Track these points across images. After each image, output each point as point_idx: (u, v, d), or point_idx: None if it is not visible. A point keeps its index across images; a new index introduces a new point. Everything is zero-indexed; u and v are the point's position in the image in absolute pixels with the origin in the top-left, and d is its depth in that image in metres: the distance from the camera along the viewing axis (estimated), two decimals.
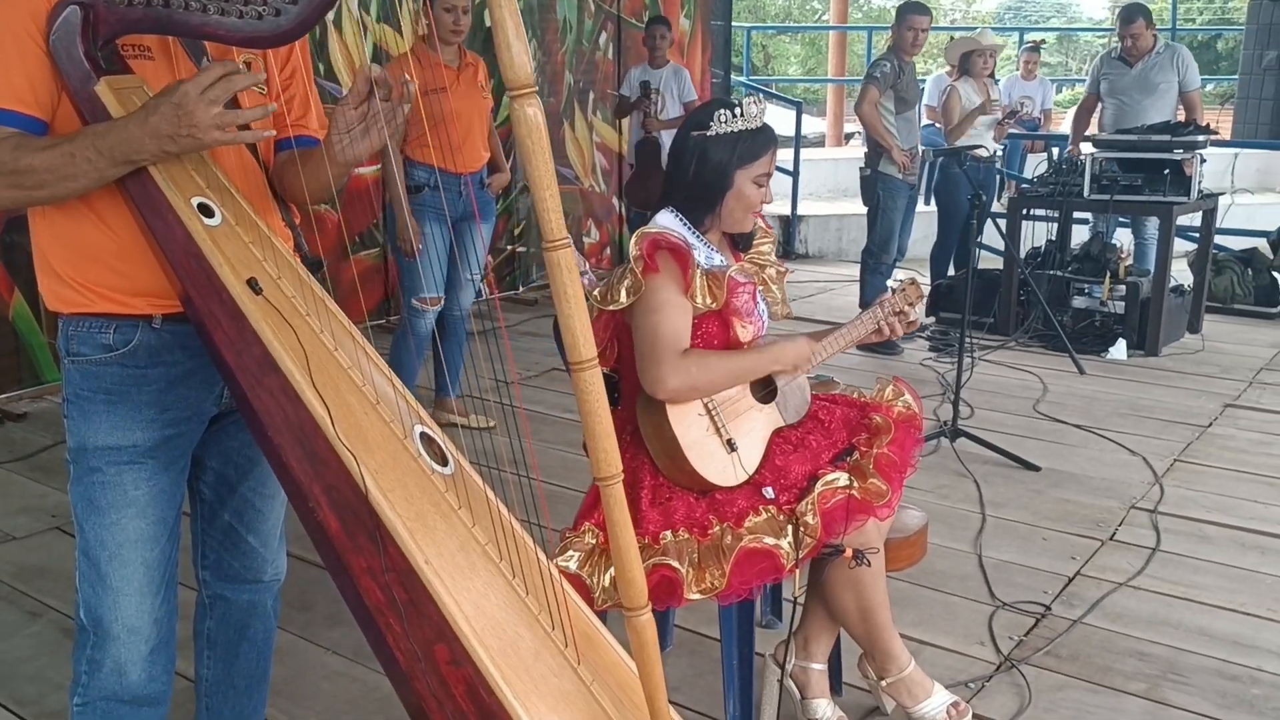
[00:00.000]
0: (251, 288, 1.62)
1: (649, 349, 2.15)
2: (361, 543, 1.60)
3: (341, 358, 1.68)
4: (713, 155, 2.20)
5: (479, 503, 1.71)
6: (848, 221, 8.76)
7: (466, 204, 4.22)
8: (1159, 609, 3.00)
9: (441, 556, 1.62)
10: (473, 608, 1.59)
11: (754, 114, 2.20)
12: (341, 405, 1.63)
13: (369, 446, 1.63)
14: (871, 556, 2.17)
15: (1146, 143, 5.90)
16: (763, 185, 2.24)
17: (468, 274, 4.36)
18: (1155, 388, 5.18)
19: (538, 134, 1.39)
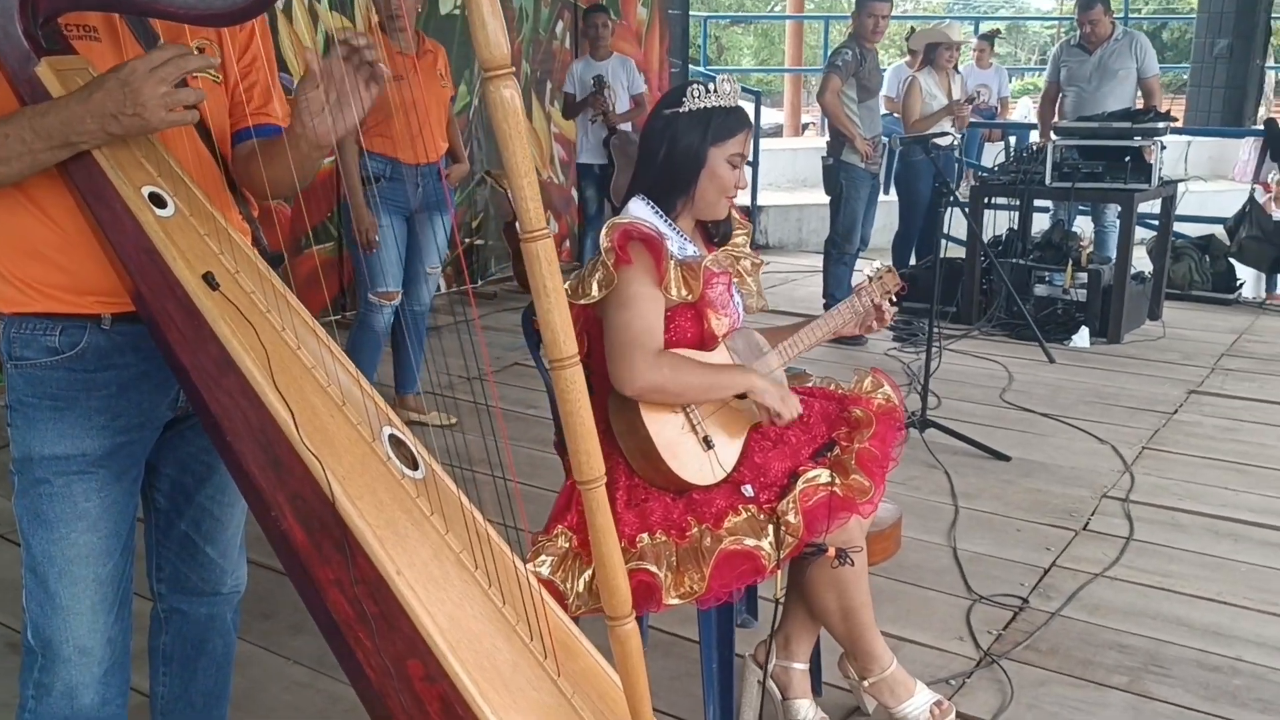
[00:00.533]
0: (208, 283, 1.52)
1: (621, 344, 2.07)
2: (329, 553, 1.51)
3: (305, 357, 1.59)
4: (685, 132, 2.12)
5: (452, 508, 1.63)
6: (808, 211, 8.73)
7: (424, 196, 4.11)
8: (1136, 599, 2.97)
9: (414, 566, 1.53)
10: (447, 620, 1.51)
11: (727, 91, 2.13)
12: (306, 407, 1.54)
13: (335, 451, 1.54)
14: (855, 555, 2.11)
15: (1107, 130, 5.91)
16: (737, 166, 2.17)
17: (426, 267, 4.26)
18: (1120, 375, 5.18)
19: (515, 117, 1.31)
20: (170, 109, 1.44)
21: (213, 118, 1.68)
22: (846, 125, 5.43)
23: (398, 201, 4.05)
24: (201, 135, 1.67)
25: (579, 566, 2.05)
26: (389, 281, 4.12)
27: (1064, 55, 6.58)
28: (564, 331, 1.39)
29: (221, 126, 1.71)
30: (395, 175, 4.01)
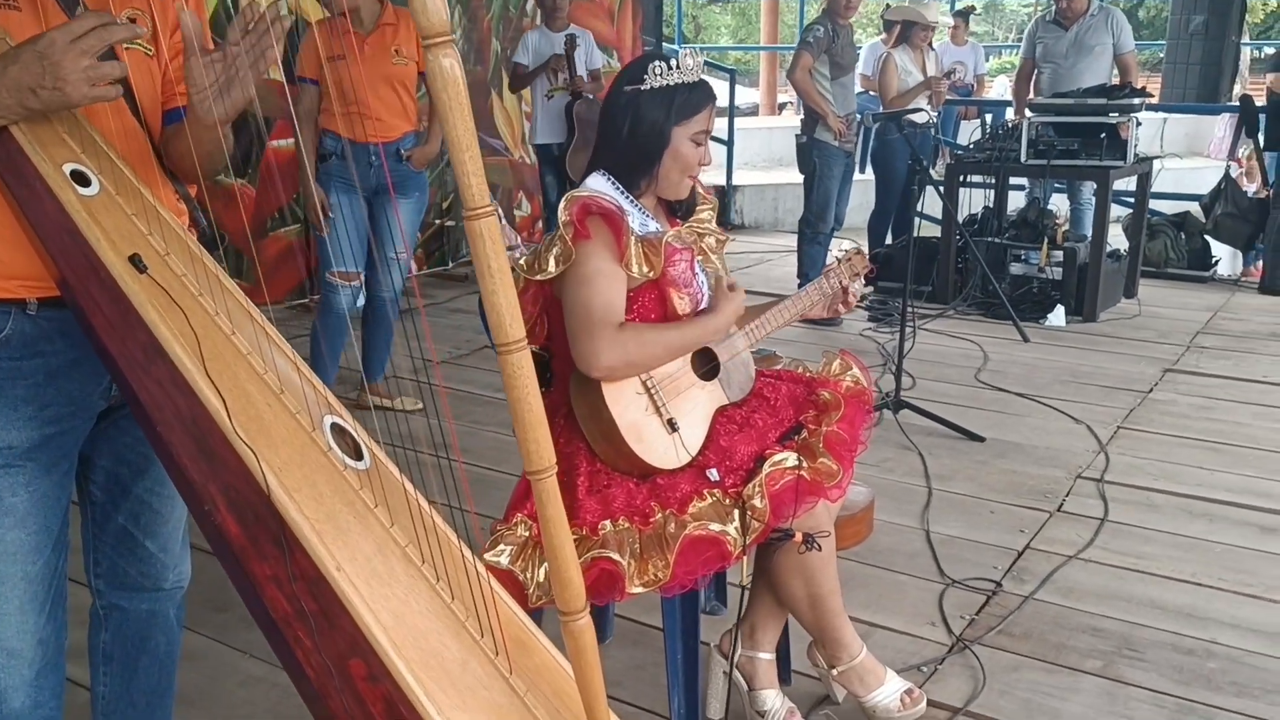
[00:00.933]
0: (135, 265, 1.44)
1: (581, 323, 2.00)
2: (265, 548, 1.44)
3: (240, 342, 1.51)
4: (647, 111, 2.05)
5: (398, 499, 1.56)
6: (784, 191, 8.66)
7: (379, 177, 4.02)
8: (1110, 582, 2.94)
9: (355, 561, 1.46)
10: (391, 617, 1.44)
11: (690, 67, 2.06)
12: (240, 395, 1.47)
13: (272, 441, 1.47)
14: (822, 540, 2.06)
15: (1082, 106, 5.87)
16: (701, 144, 2.10)
17: (390, 253, 4.15)
18: (1095, 354, 5.15)
19: (455, 88, 1.23)
20: (93, 84, 1.36)
21: (143, 92, 1.59)
22: (819, 103, 5.35)
23: (349, 180, 3.96)
24: (132, 109, 1.59)
25: (539, 556, 1.99)
26: (345, 261, 4.03)
27: (1039, 31, 6.53)
28: (510, 315, 1.32)
29: (153, 102, 1.63)
30: (348, 153, 3.94)
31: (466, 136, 1.25)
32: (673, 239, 2.10)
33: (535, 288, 2.10)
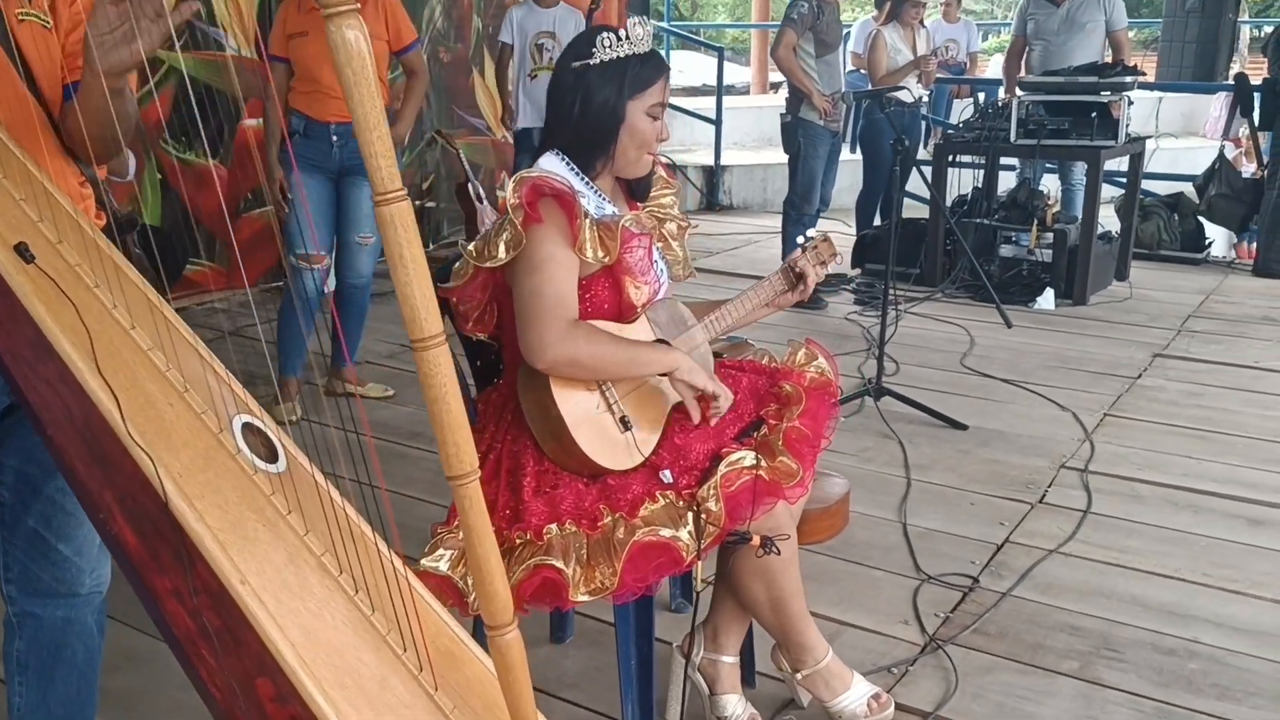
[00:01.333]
0: (21, 255, 1.34)
1: (530, 311, 1.89)
2: (165, 560, 1.35)
3: (140, 338, 1.41)
4: (599, 87, 1.94)
5: (315, 505, 1.46)
6: (773, 171, 8.52)
7: (345, 158, 3.90)
8: (1091, 577, 2.84)
9: (263, 573, 1.37)
10: (302, 633, 1.35)
11: (640, 36, 1.94)
12: (137, 395, 1.37)
13: (172, 444, 1.37)
14: (783, 543, 1.95)
15: (1073, 84, 5.75)
16: (657, 117, 1.99)
17: (356, 236, 4.03)
18: (1083, 338, 5.05)
19: (358, 61, 1.13)
20: None
21: (39, 64, 1.48)
22: (803, 81, 5.23)
23: (313, 159, 3.85)
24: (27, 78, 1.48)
25: None
26: (307, 243, 3.91)
27: (1031, 8, 6.39)
28: (425, 308, 1.22)
29: (50, 76, 1.52)
30: (309, 132, 3.84)
31: (374, 115, 1.15)
32: (630, 223, 2.00)
33: (485, 274, 1.99)
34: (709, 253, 7.03)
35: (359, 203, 4.01)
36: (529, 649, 2.54)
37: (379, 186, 1.17)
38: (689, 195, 8.63)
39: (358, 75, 1.12)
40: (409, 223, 1.19)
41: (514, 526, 1.87)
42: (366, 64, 1.13)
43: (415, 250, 1.20)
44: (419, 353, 1.21)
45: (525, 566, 1.81)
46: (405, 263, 1.19)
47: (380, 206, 1.17)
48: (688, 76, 13.44)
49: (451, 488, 1.29)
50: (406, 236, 1.19)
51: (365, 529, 1.51)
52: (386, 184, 1.16)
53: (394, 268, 1.19)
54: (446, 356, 1.23)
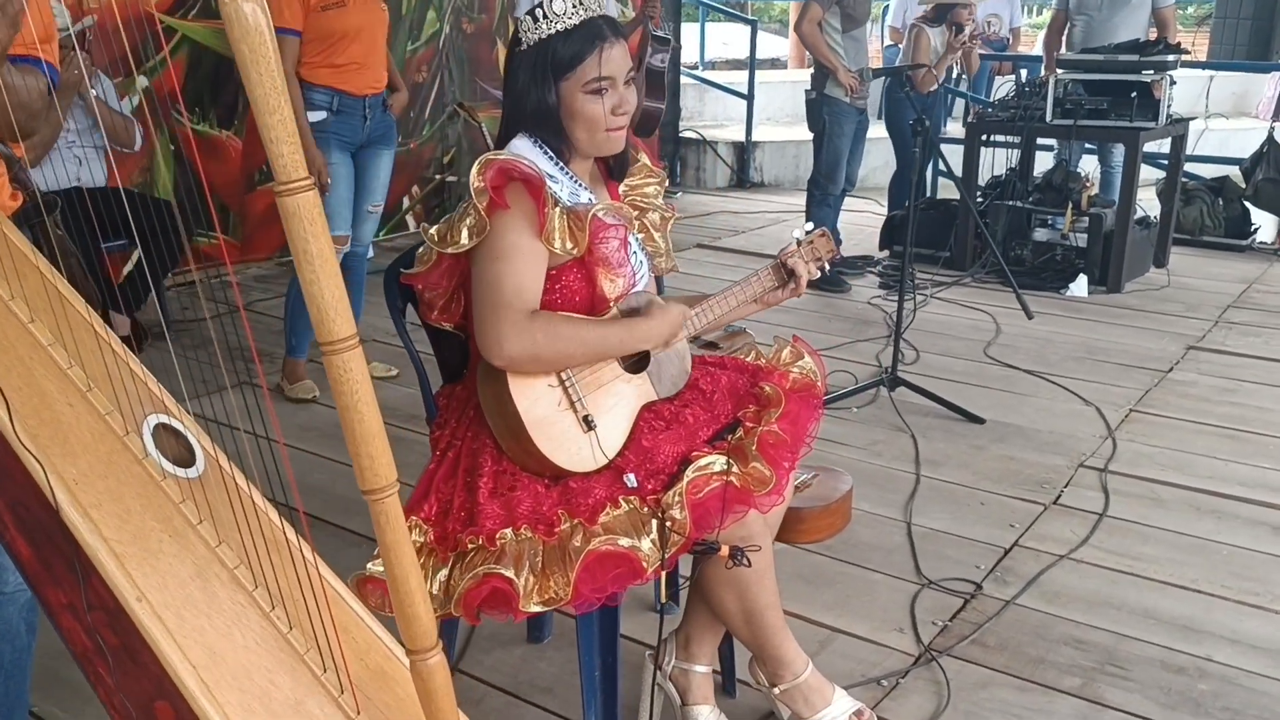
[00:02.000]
0: None
1: (488, 303, 1.78)
2: (60, 573, 1.26)
3: (39, 332, 1.32)
4: (526, 72, 1.82)
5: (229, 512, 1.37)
6: (805, 148, 8.26)
7: (370, 130, 3.80)
8: (1101, 586, 2.70)
9: (166, 589, 1.28)
10: (206, 654, 1.26)
11: (563, 10, 1.79)
12: (31, 395, 1.28)
13: (69, 448, 1.28)
14: (756, 555, 1.84)
15: (1113, 63, 5.52)
16: (602, 91, 1.84)
17: (369, 205, 3.96)
18: (1115, 328, 4.86)
19: (257, 38, 1.03)
20: None
21: None
22: (828, 57, 5.05)
23: (346, 137, 3.74)
24: None
25: (434, 564, 1.79)
26: (340, 224, 3.83)
27: None
28: (335, 307, 1.13)
29: None
30: (342, 108, 3.70)
31: (274, 96, 1.06)
32: (603, 213, 1.87)
33: (449, 260, 1.89)
34: (735, 231, 6.89)
35: (377, 172, 3.93)
36: (505, 649, 2.45)
37: (282, 175, 1.07)
38: (719, 172, 8.47)
39: (255, 53, 1.03)
40: (315, 215, 1.09)
41: (467, 530, 1.77)
42: (265, 40, 1.04)
43: (322, 246, 1.10)
44: (328, 356, 1.13)
45: (474, 575, 1.70)
46: (311, 259, 1.10)
47: (284, 198, 1.08)
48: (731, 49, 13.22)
49: (369, 503, 1.20)
50: (313, 230, 1.10)
51: (291, 537, 1.42)
52: (290, 172, 1.07)
53: (299, 264, 1.10)
54: (359, 361, 1.14)
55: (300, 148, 1.07)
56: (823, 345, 4.43)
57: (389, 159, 3.99)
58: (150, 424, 1.36)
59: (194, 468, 1.39)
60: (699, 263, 6.02)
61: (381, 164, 3.96)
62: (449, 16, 6.40)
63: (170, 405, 1.41)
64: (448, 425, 1.95)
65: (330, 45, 3.66)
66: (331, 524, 2.94)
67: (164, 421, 1.38)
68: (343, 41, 3.66)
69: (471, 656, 2.38)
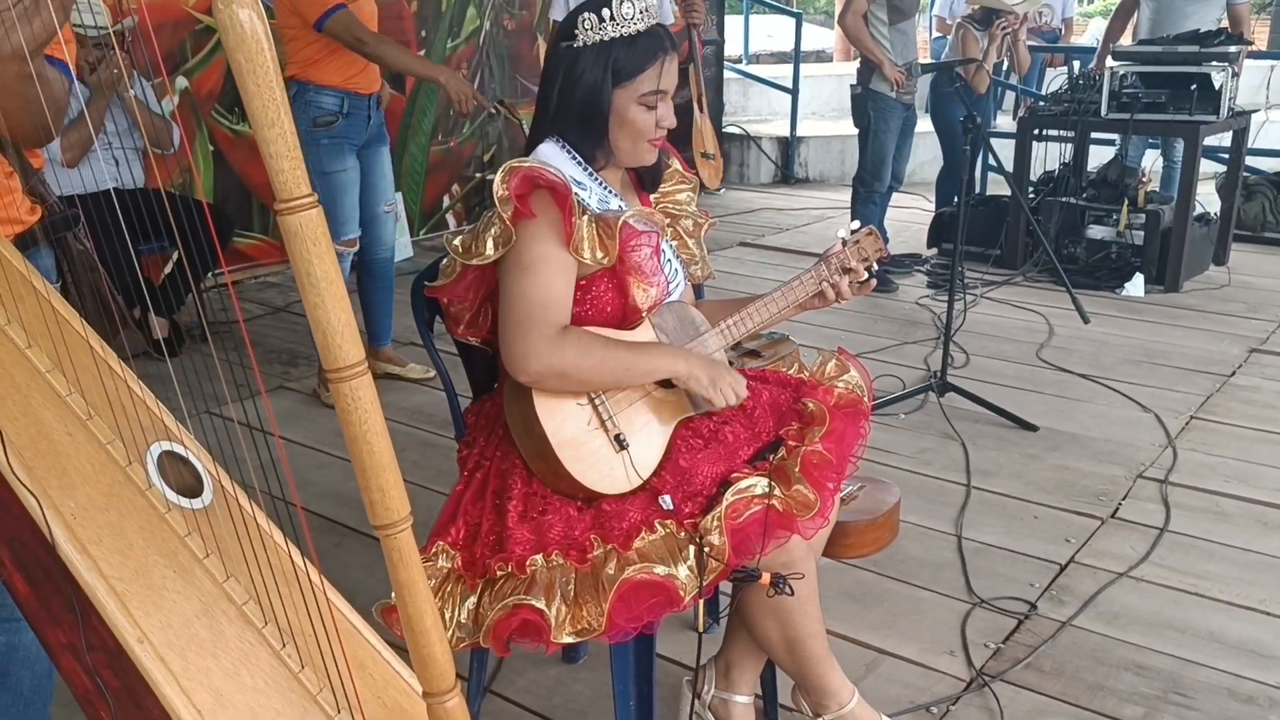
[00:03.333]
0: None
1: (515, 318, 1.70)
2: (58, 612, 1.20)
3: (37, 358, 1.25)
4: (581, 73, 1.74)
5: (239, 544, 1.30)
6: (850, 143, 8.12)
7: (373, 129, 3.73)
8: (1164, 607, 2.57)
9: (169, 628, 1.21)
10: (211, 697, 1.19)
11: (631, 15, 1.72)
12: (28, 424, 1.21)
13: (69, 480, 1.21)
14: (799, 582, 1.74)
15: (1172, 54, 5.33)
16: (653, 106, 1.77)
17: (383, 205, 3.88)
18: (1174, 329, 4.69)
19: (253, 46, 0.96)
20: None
21: None
22: (873, 50, 4.92)
23: (354, 139, 3.66)
24: None
25: (461, 592, 1.71)
26: (352, 228, 3.76)
27: None
28: (342, 332, 1.06)
29: None
30: (352, 110, 3.62)
31: (272, 109, 0.98)
32: (634, 220, 1.79)
33: (474, 273, 1.81)
34: (779, 229, 6.77)
35: (383, 171, 3.86)
36: (539, 669, 2.37)
37: (283, 192, 1.00)
38: (763, 168, 8.35)
39: (252, 63, 0.96)
40: (319, 235, 1.02)
41: (496, 556, 1.69)
42: (264, 50, 0.97)
43: (326, 268, 1.03)
44: (335, 384, 1.05)
45: (503, 605, 1.63)
46: (315, 281, 1.03)
47: (285, 217, 1.01)
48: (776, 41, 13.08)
49: (381, 539, 1.12)
50: (316, 251, 1.02)
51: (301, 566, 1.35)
52: (291, 189, 1.00)
53: (303, 287, 1.03)
54: (368, 389, 1.06)
55: (300, 161, 0.99)
56: (868, 348, 4.32)
57: (388, 155, 3.91)
58: (155, 452, 1.29)
59: (201, 498, 1.32)
60: (742, 261, 5.91)
61: (384, 162, 3.87)
62: (489, 13, 6.34)
63: (175, 431, 1.34)
64: (476, 444, 1.88)
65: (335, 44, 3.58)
66: (369, 536, 2.87)
67: (170, 449, 1.31)
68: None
69: (504, 677, 2.31)
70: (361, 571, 2.68)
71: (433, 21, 6.04)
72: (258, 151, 1.00)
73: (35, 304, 1.27)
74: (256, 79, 0.95)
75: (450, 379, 2.05)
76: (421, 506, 1.09)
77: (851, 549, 2.06)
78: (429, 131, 6.09)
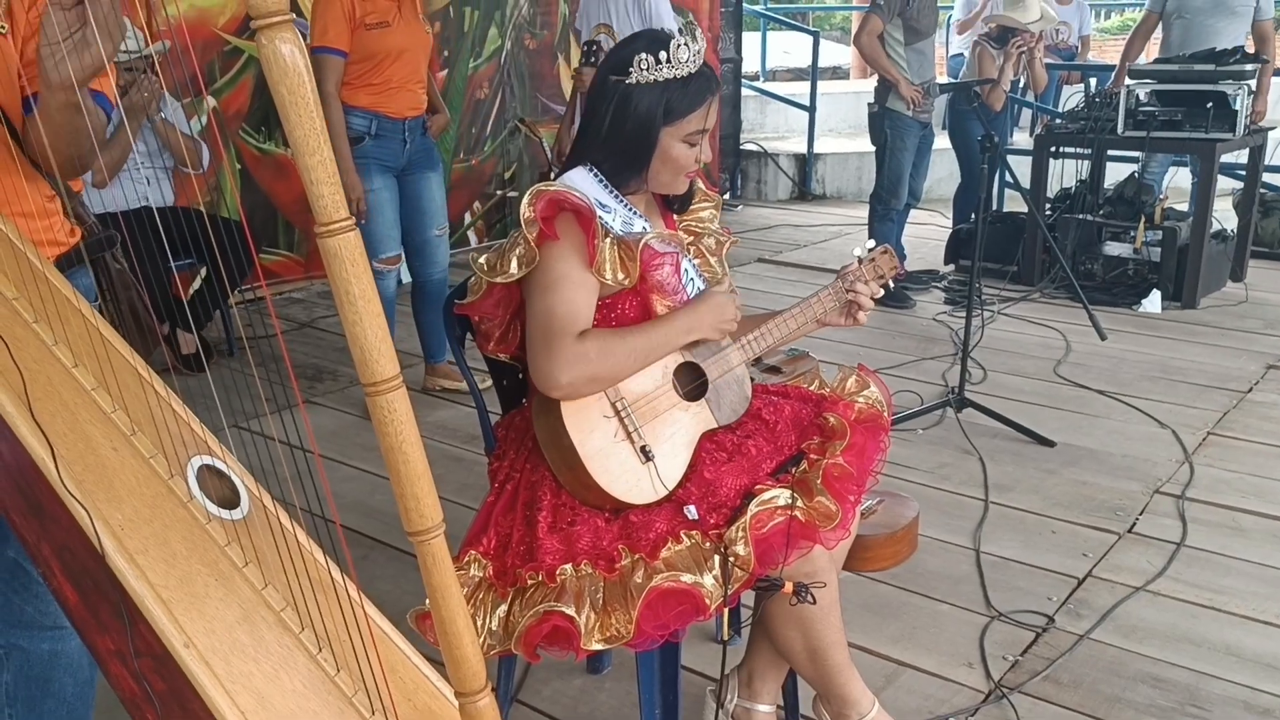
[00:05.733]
0: None
1: (540, 335, 1.76)
2: (105, 618, 1.24)
3: (84, 376, 1.30)
4: (633, 109, 1.79)
5: (275, 553, 1.35)
6: (868, 160, 8.16)
7: (411, 153, 3.80)
8: (1180, 620, 2.59)
9: (213, 634, 1.26)
10: (254, 699, 1.23)
11: (686, 58, 1.78)
12: (77, 440, 1.26)
13: (114, 493, 1.26)
14: (821, 591, 1.78)
15: (1188, 73, 5.36)
16: (695, 144, 1.83)
17: (433, 230, 3.96)
18: (1191, 346, 4.71)
19: (295, 79, 1.01)
20: None
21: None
22: (889, 70, 4.96)
23: (386, 161, 3.73)
24: None
25: (493, 600, 1.76)
26: (389, 246, 3.84)
27: None
28: (379, 348, 1.11)
29: (8, 86, 1.42)
30: (381, 132, 3.69)
31: (313, 138, 1.03)
32: (655, 241, 1.84)
33: (501, 290, 1.86)
34: (797, 245, 6.81)
35: (431, 196, 3.93)
36: (564, 679, 2.41)
37: (323, 216, 1.06)
38: (779, 184, 8.40)
39: (294, 94, 1.01)
40: (357, 256, 1.08)
41: (527, 565, 1.74)
42: (304, 81, 1.02)
43: (364, 287, 1.09)
44: (372, 398, 1.10)
45: (534, 612, 1.67)
46: (353, 300, 1.08)
47: (325, 239, 1.06)
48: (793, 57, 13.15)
49: (414, 544, 1.17)
50: (355, 271, 1.08)
51: (336, 575, 1.39)
52: (331, 213, 1.05)
53: (341, 306, 1.08)
54: (404, 401, 1.11)
55: (340, 188, 1.05)
56: (886, 364, 4.35)
57: (438, 181, 3.97)
58: (194, 466, 1.34)
59: (238, 509, 1.37)
60: (760, 277, 5.95)
61: (432, 187, 3.94)
62: (511, 33, 6.42)
63: (214, 446, 1.40)
64: (506, 457, 1.92)
65: (372, 65, 3.66)
66: (394, 547, 2.92)
67: (208, 463, 1.37)
68: (385, 62, 3.66)
69: (530, 687, 2.35)
70: (388, 583, 2.72)
71: (455, 42, 6.12)
72: (284, 170, 1.05)
73: (80, 324, 1.32)
74: (298, 110, 1.00)
75: (480, 394, 2.10)
76: (447, 519, 1.14)
77: (871, 562, 2.10)
78: (451, 149, 6.16)
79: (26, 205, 1.42)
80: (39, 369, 1.25)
